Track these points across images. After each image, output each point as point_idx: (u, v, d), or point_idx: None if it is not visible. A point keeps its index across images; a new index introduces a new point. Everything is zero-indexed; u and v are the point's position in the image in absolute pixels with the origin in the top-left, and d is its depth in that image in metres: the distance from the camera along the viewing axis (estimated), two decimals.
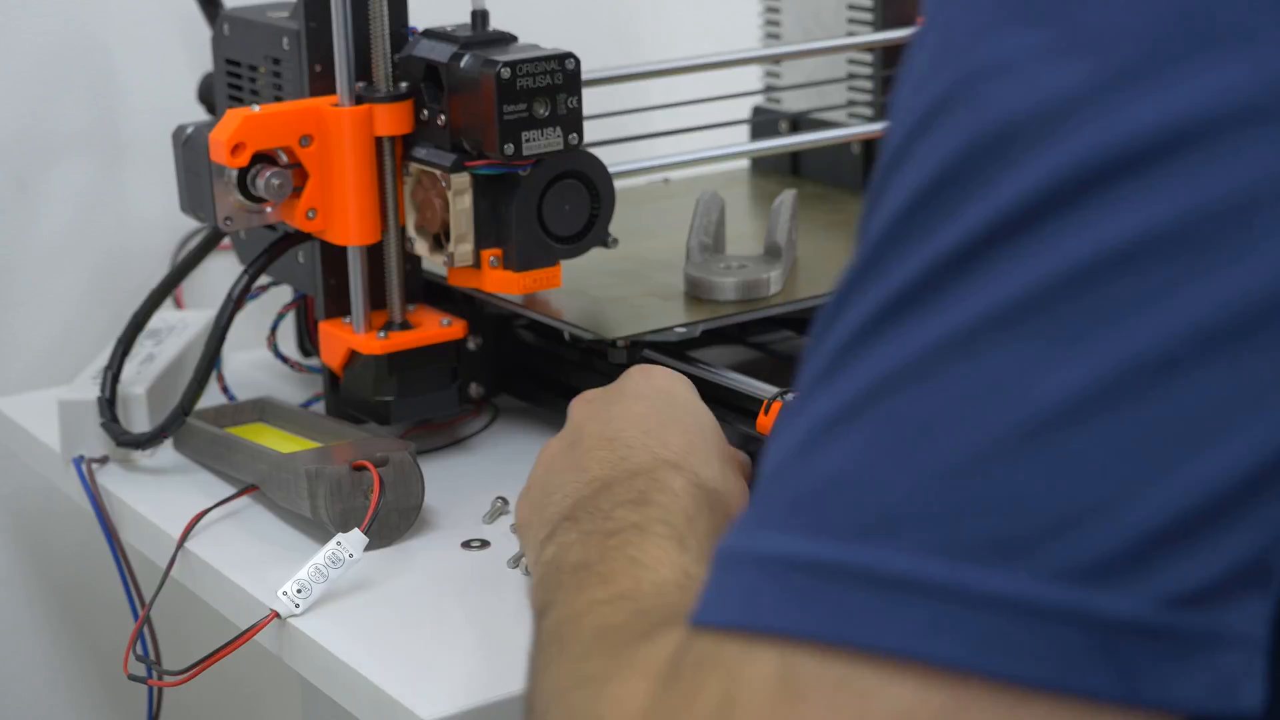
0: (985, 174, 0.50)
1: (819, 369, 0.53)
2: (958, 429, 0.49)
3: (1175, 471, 0.47)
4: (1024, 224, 0.49)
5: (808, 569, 0.50)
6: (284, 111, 1.03)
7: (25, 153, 1.34)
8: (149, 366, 1.15)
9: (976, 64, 0.51)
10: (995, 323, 0.49)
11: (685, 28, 1.59)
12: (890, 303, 0.51)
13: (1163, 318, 0.48)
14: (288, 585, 0.90)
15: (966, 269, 0.49)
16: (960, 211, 0.50)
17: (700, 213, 1.15)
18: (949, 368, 0.49)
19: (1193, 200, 0.48)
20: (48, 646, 1.41)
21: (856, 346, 0.51)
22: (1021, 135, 0.49)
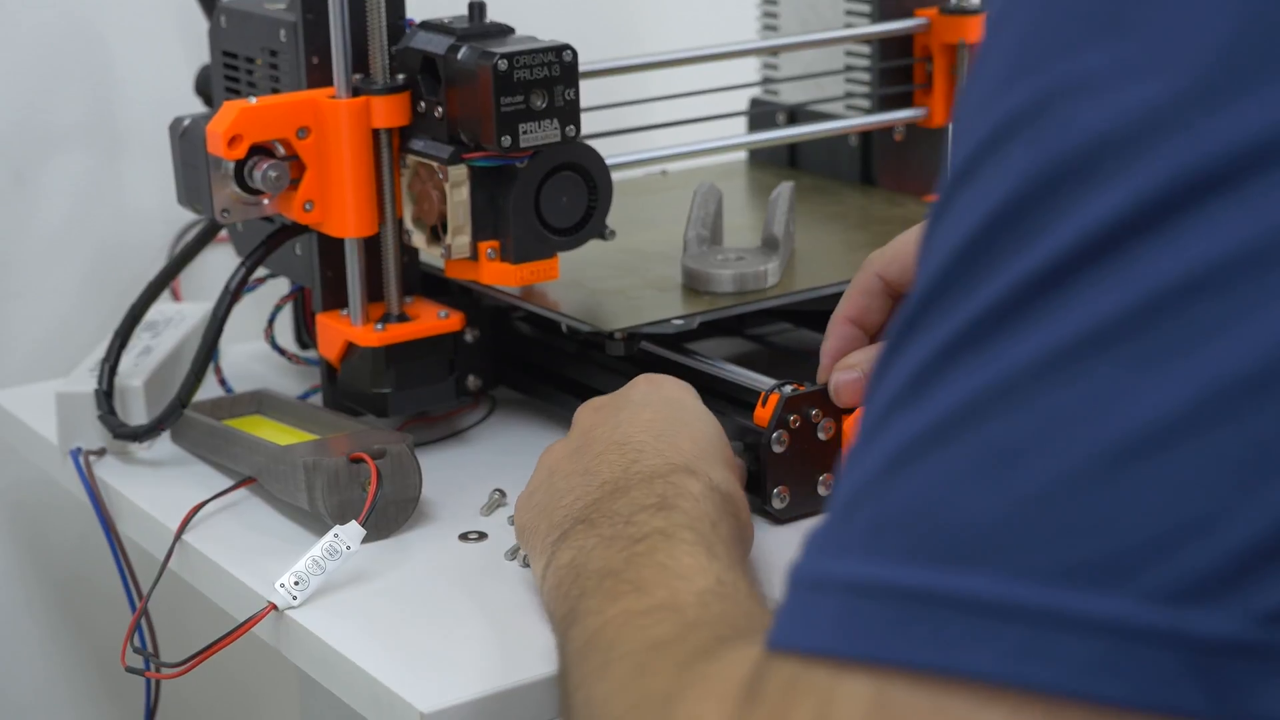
0: (1071, 194, 0.49)
1: (897, 389, 0.52)
2: (1050, 452, 0.48)
3: (1267, 489, 0.47)
4: (1112, 244, 0.48)
5: (899, 595, 0.49)
6: (281, 103, 1.03)
7: (22, 145, 1.34)
8: (146, 359, 1.15)
9: (1056, 80, 0.50)
10: (1086, 345, 0.48)
11: (683, 20, 1.59)
12: (975, 324, 0.50)
13: (1253, 335, 0.47)
14: (285, 577, 0.90)
15: (1055, 291, 0.49)
16: (1046, 232, 0.49)
17: (698, 205, 1.15)
18: (1040, 390, 0.49)
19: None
20: (46, 639, 1.41)
21: (940, 368, 0.51)
22: (1107, 154, 0.49)
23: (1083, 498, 0.48)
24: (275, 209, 1.05)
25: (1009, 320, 0.50)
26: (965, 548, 0.49)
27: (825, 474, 0.96)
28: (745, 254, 1.12)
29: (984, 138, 0.51)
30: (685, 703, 0.57)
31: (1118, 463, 0.48)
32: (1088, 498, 0.48)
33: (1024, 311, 0.49)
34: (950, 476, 0.49)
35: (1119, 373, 0.48)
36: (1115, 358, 0.48)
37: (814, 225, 1.22)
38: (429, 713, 0.80)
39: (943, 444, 0.50)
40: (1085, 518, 0.48)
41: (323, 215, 1.05)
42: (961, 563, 0.49)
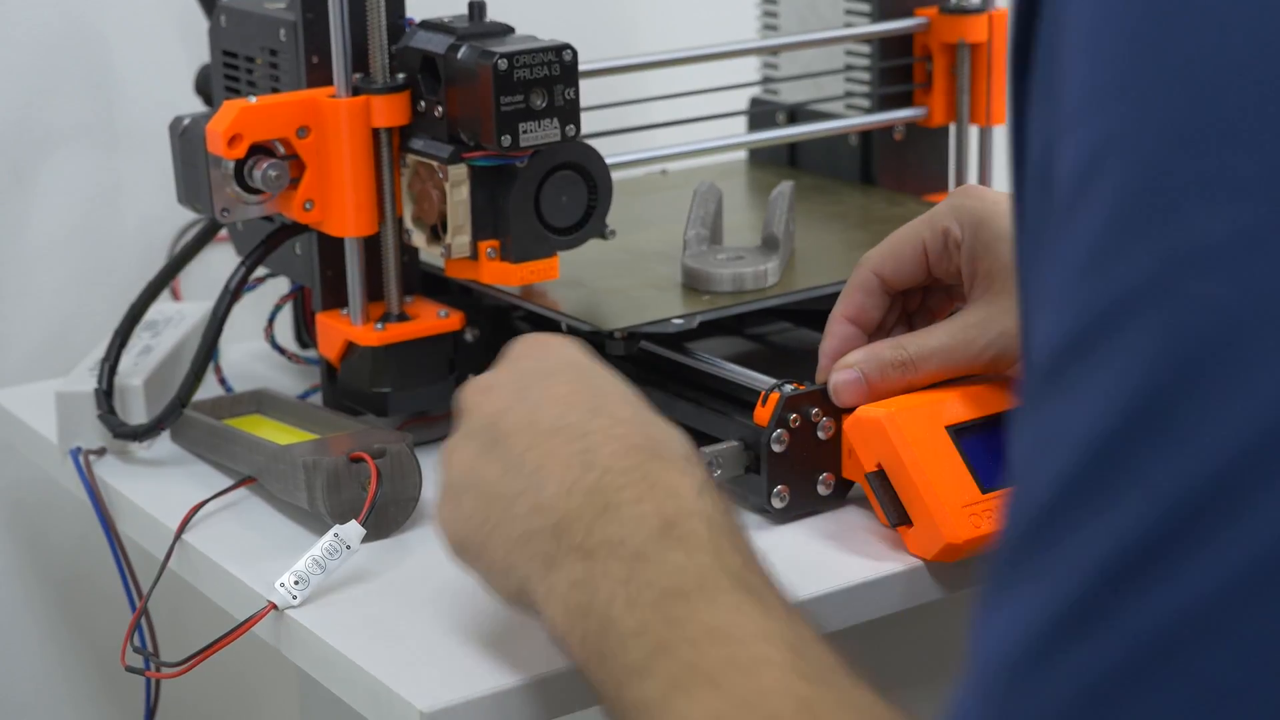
0: (1218, 388, 0.45)
1: (1054, 616, 0.47)
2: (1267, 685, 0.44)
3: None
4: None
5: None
6: (281, 103, 1.03)
7: (22, 144, 1.34)
8: (146, 358, 1.15)
9: (1172, 248, 0.46)
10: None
11: (682, 19, 1.59)
12: (1143, 542, 0.45)
13: None
14: (285, 577, 0.90)
15: (1225, 506, 0.45)
16: (1202, 431, 0.45)
17: (698, 204, 1.15)
18: (1240, 614, 0.45)
19: None
20: (45, 639, 1.41)
21: (1109, 593, 0.46)
22: (1245, 339, 0.45)
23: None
24: (275, 208, 1.05)
25: (1184, 538, 0.45)
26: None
27: (825, 473, 0.96)
28: (745, 253, 1.12)
29: (1101, 310, 0.47)
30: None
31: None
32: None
33: (1196, 532, 0.45)
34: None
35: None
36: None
37: (814, 225, 1.22)
38: (429, 712, 0.80)
39: (1149, 683, 0.45)
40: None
41: (323, 214, 1.05)
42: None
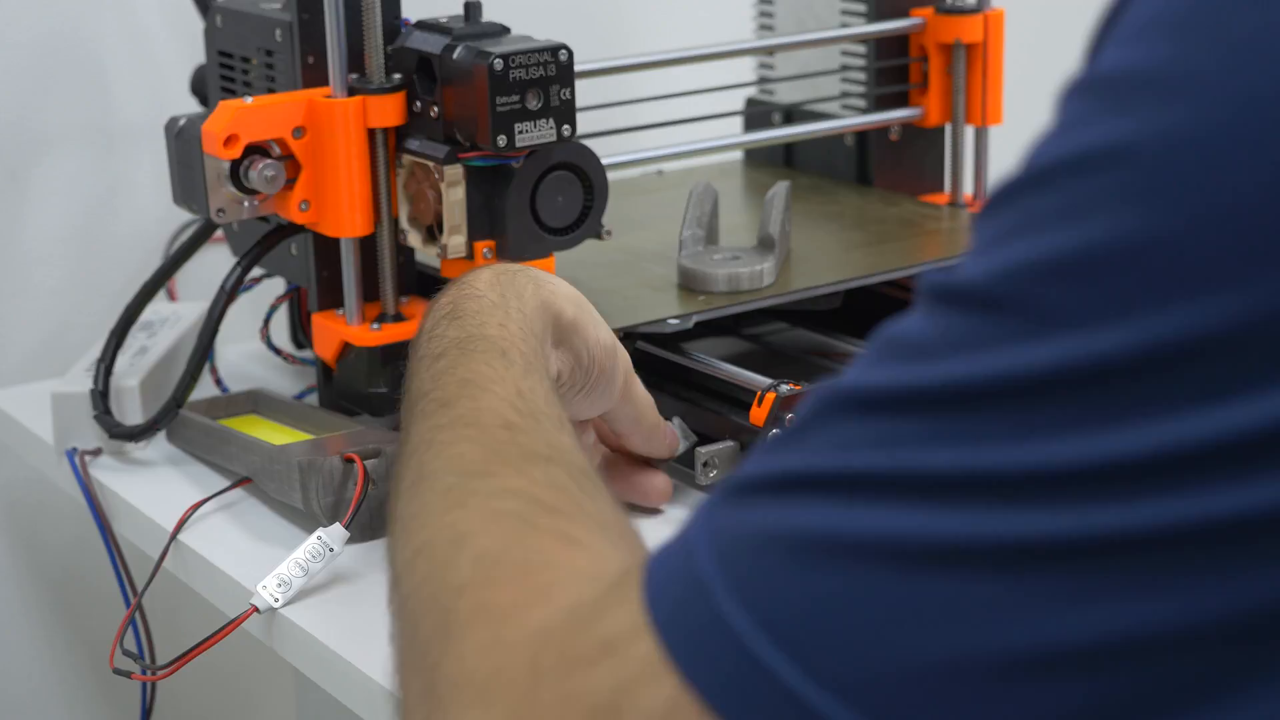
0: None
1: (876, 463, 0.51)
2: (971, 632, 0.48)
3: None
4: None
5: (766, 675, 0.50)
6: (277, 103, 1.03)
7: (18, 146, 1.34)
8: (142, 359, 1.15)
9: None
10: (1074, 553, 0.48)
11: (678, 20, 1.59)
12: (1029, 476, 0.48)
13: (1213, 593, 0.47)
14: (268, 579, 0.90)
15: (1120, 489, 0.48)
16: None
17: (693, 204, 1.15)
18: (997, 577, 0.48)
19: None
20: (41, 639, 1.41)
21: (948, 496, 0.49)
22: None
23: (967, 687, 0.48)
24: (271, 209, 1.05)
25: (1048, 494, 0.48)
26: (843, 679, 0.49)
27: None
28: (741, 253, 1.12)
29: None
30: (495, 586, 0.60)
31: (1016, 670, 0.48)
32: (972, 689, 0.48)
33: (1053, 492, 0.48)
34: (873, 604, 0.49)
35: (1095, 581, 0.47)
36: (1079, 572, 0.47)
37: (810, 225, 1.22)
38: None
39: (889, 567, 0.49)
40: (959, 705, 0.48)
41: (318, 215, 1.05)
42: (833, 689, 0.49)
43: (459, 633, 0.59)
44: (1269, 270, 0.46)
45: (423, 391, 0.75)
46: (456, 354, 0.77)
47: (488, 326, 0.79)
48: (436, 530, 0.65)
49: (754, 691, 0.50)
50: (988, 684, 0.48)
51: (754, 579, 0.52)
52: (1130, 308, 0.47)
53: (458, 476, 0.68)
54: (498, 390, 0.73)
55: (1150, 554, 0.47)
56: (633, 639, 0.53)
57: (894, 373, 0.52)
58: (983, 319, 0.50)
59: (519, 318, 0.81)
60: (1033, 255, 0.49)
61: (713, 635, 0.51)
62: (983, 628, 0.48)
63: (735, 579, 0.52)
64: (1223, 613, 0.47)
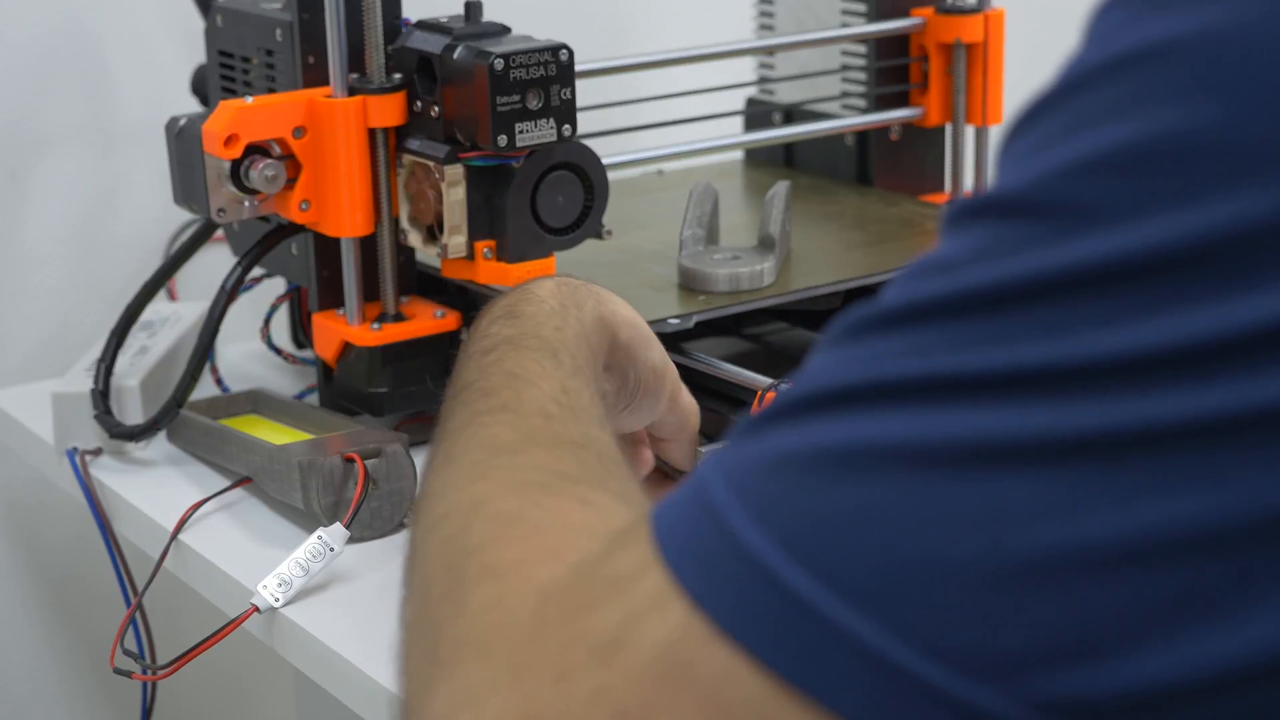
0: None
1: (900, 372, 0.49)
2: (1001, 537, 0.47)
3: (1185, 637, 0.46)
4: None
5: (779, 588, 0.48)
6: (277, 103, 1.03)
7: (18, 145, 1.34)
8: (142, 359, 1.15)
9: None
10: (1085, 450, 0.46)
11: (679, 19, 1.59)
12: (1039, 373, 0.47)
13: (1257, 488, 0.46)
14: (268, 579, 0.90)
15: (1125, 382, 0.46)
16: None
17: (694, 204, 1.15)
18: (1025, 473, 0.47)
19: None
20: (41, 639, 1.41)
21: (950, 399, 0.48)
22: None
23: (999, 590, 0.47)
24: (271, 209, 1.05)
25: (1048, 388, 0.47)
26: (871, 591, 0.47)
27: None
28: (741, 253, 1.12)
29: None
30: (511, 543, 0.58)
31: (1053, 570, 0.46)
32: (1004, 592, 0.47)
33: (1080, 390, 0.47)
34: (896, 512, 0.48)
35: (1130, 477, 0.46)
36: (1126, 468, 0.46)
37: (810, 225, 1.22)
38: None
39: (916, 471, 0.48)
40: (991, 608, 0.47)
41: (319, 215, 1.05)
42: (860, 601, 0.47)
43: (464, 593, 0.58)
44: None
45: (468, 382, 0.75)
46: (507, 349, 0.77)
47: (544, 328, 0.79)
48: (456, 500, 0.64)
49: (768, 608, 0.48)
50: (1018, 585, 0.46)
51: (768, 496, 0.50)
52: (1169, 200, 0.46)
53: (486, 453, 0.67)
54: (542, 385, 0.73)
55: (1192, 446, 0.46)
56: (640, 575, 0.51)
57: (920, 288, 0.50)
58: (1012, 225, 0.48)
59: (576, 326, 0.81)
60: (1067, 156, 0.48)
61: (722, 555, 0.49)
62: (1014, 528, 0.47)
63: (749, 499, 0.50)
64: (1269, 507, 0.45)
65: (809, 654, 0.48)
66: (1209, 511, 0.46)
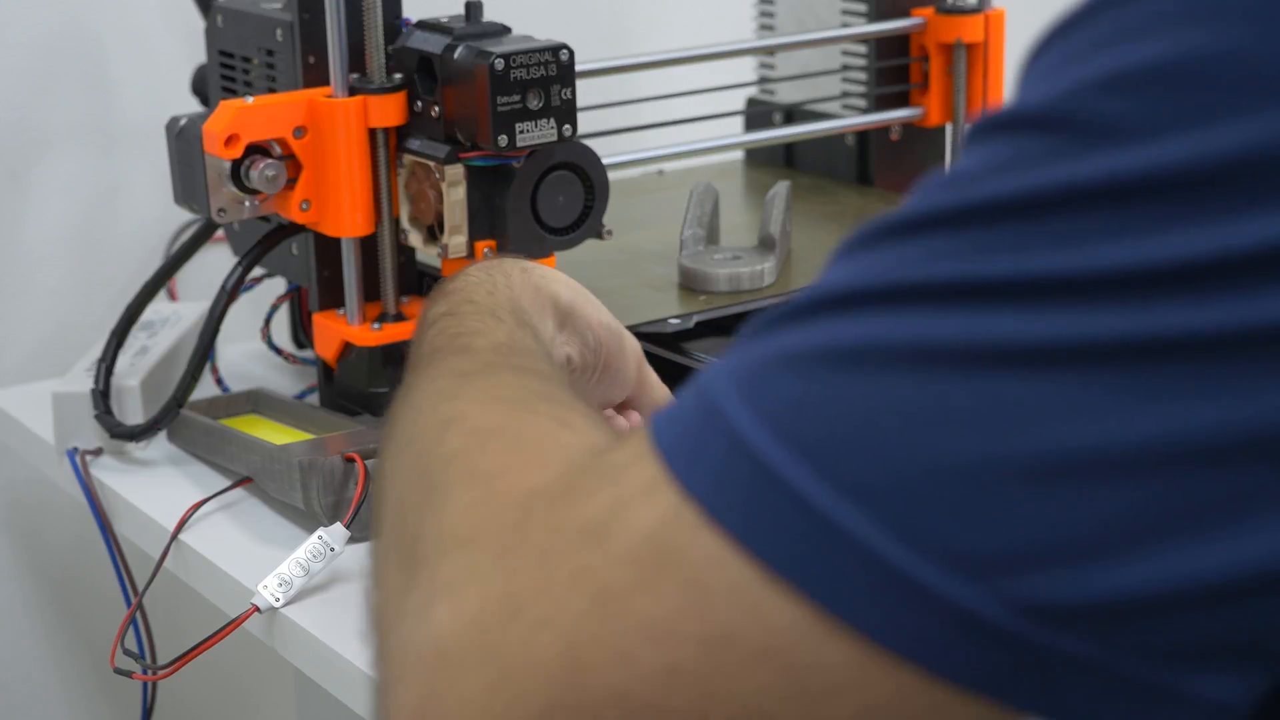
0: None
1: (923, 274, 0.49)
2: (1002, 435, 0.47)
3: (1187, 545, 0.46)
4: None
5: (778, 485, 0.48)
6: (278, 103, 1.03)
7: (19, 145, 1.33)
8: (143, 358, 1.15)
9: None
10: (1114, 354, 0.46)
11: (679, 19, 1.59)
12: (1058, 279, 0.47)
13: (1253, 405, 0.46)
14: (269, 579, 0.90)
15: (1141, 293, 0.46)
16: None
17: (694, 204, 1.15)
18: (1043, 377, 0.47)
19: None
20: (42, 639, 1.41)
21: (975, 297, 0.48)
22: None
23: (995, 491, 0.47)
24: (272, 209, 1.05)
25: (1068, 297, 0.47)
26: (867, 486, 0.47)
27: None
28: (742, 253, 1.12)
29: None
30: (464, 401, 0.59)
31: (1049, 473, 0.46)
32: (999, 493, 0.46)
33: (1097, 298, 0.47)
34: (899, 410, 0.48)
35: (1134, 386, 0.46)
36: (1142, 373, 0.46)
37: (810, 225, 1.22)
38: None
39: (921, 370, 0.48)
40: (984, 508, 0.47)
41: (319, 215, 1.05)
42: (855, 495, 0.47)
43: (444, 497, 0.57)
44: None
45: (415, 358, 0.75)
46: (447, 320, 0.77)
47: (475, 294, 0.79)
48: (428, 421, 0.63)
49: (760, 498, 0.48)
50: (1014, 487, 0.46)
51: (768, 390, 0.49)
52: (1191, 120, 0.46)
53: (453, 379, 0.67)
54: (491, 336, 0.73)
55: (1195, 359, 0.46)
56: (632, 465, 0.51)
57: (937, 198, 0.50)
58: (1033, 138, 0.48)
59: (506, 291, 0.81)
60: (1093, 72, 0.48)
61: (717, 445, 0.49)
62: (1014, 430, 0.47)
63: (747, 392, 0.50)
64: (1268, 424, 0.45)
65: (797, 544, 0.48)
66: (1208, 424, 0.46)
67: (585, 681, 0.49)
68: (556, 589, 0.50)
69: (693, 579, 0.49)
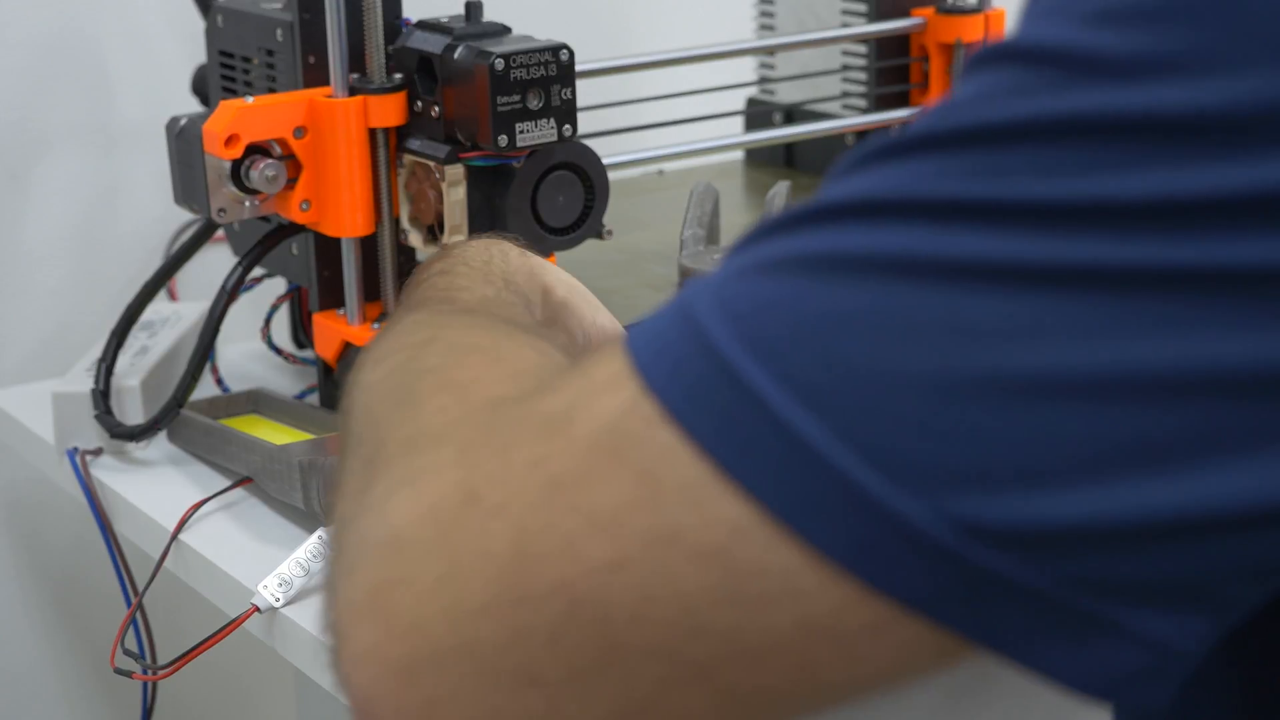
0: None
1: (900, 188, 0.49)
2: (960, 350, 0.47)
3: (1143, 479, 0.46)
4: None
5: (738, 386, 0.48)
6: (278, 103, 1.03)
7: (19, 145, 1.34)
8: (143, 358, 1.15)
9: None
10: (1097, 279, 0.46)
11: (679, 19, 1.59)
12: (1034, 207, 0.47)
13: (1222, 344, 0.46)
14: (269, 579, 0.90)
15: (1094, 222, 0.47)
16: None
17: (694, 204, 1.15)
18: (1018, 291, 0.47)
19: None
20: (42, 639, 1.41)
21: (955, 217, 0.48)
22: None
23: (948, 404, 0.47)
24: (272, 209, 1.05)
25: (1049, 220, 0.47)
26: (821, 389, 0.47)
27: None
28: None
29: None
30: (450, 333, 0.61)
31: (1003, 392, 0.46)
32: (952, 407, 0.47)
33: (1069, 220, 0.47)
34: (866, 318, 0.48)
35: (1099, 314, 0.46)
36: (1137, 301, 0.46)
37: None
38: None
39: (888, 280, 0.48)
40: (936, 421, 0.47)
41: (319, 215, 1.05)
42: (808, 397, 0.47)
43: (417, 403, 0.57)
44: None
45: (403, 304, 0.76)
46: (440, 277, 0.78)
47: (473, 260, 0.80)
48: (405, 342, 0.64)
49: (718, 396, 0.48)
50: (967, 401, 0.46)
51: (738, 294, 0.50)
52: (1173, 65, 0.46)
53: (431, 313, 0.68)
54: (478, 292, 0.75)
55: (1159, 294, 0.46)
56: (600, 362, 0.52)
57: (922, 123, 0.50)
58: (1025, 71, 0.49)
59: (501, 264, 0.81)
60: (1082, 9, 0.48)
61: (683, 343, 0.50)
62: (973, 346, 0.47)
63: (718, 296, 0.50)
64: (1227, 363, 0.46)
65: (747, 442, 0.48)
66: (1168, 360, 0.46)
67: (532, 572, 0.49)
68: (513, 477, 0.50)
69: (645, 471, 0.49)
